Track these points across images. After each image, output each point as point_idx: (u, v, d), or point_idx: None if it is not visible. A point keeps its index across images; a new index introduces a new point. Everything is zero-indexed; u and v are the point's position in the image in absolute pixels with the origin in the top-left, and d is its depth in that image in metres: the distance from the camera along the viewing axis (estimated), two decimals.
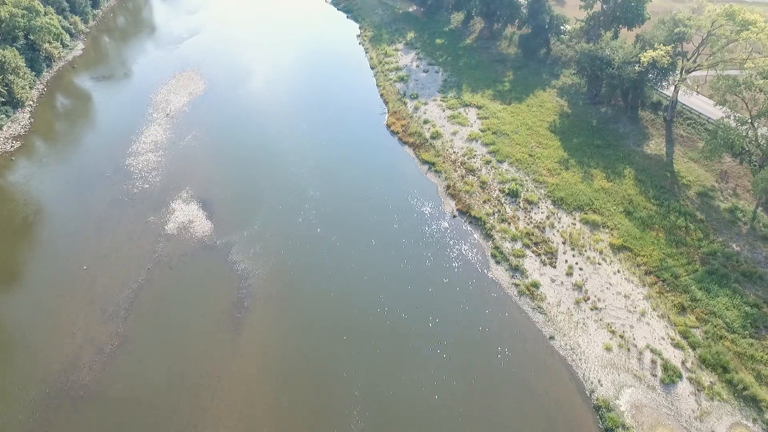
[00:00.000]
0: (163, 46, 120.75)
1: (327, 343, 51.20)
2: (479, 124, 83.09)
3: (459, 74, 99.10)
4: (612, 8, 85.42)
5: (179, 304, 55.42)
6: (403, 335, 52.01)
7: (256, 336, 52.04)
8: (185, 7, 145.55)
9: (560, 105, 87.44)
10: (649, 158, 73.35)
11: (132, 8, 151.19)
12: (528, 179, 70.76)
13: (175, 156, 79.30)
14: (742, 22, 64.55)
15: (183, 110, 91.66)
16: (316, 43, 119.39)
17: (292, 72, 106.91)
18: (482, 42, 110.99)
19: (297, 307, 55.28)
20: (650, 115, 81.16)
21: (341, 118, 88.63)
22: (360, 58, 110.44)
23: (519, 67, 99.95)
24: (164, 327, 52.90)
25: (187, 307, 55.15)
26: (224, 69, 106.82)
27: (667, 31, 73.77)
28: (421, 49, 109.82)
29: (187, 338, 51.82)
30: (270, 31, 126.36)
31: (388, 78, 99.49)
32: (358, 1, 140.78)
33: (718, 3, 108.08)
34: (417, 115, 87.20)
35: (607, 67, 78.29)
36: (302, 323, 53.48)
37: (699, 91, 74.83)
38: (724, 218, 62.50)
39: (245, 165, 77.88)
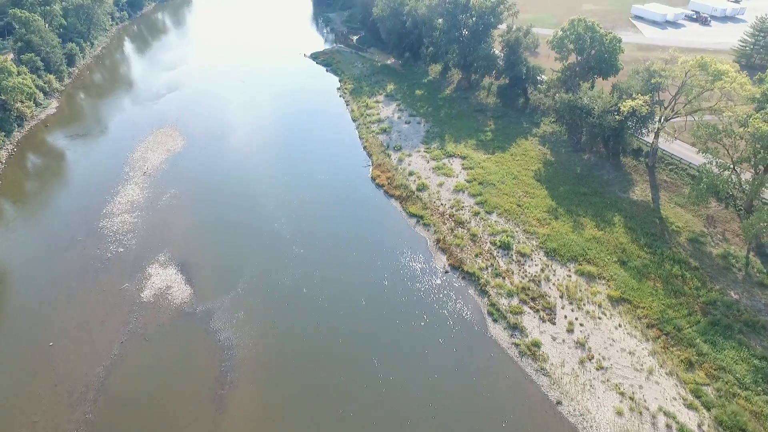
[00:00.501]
0: (141, 102, 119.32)
1: (319, 421, 47.10)
2: (465, 175, 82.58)
3: (441, 125, 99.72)
4: (586, 59, 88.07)
5: (156, 383, 50.84)
6: (400, 405, 48.35)
7: (242, 416, 47.64)
8: (164, 63, 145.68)
9: (543, 153, 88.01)
10: (636, 205, 73.27)
11: (109, 65, 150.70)
12: (518, 230, 69.55)
13: (153, 217, 75.97)
14: (714, 73, 66.50)
15: (161, 168, 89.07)
16: (297, 97, 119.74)
17: (272, 126, 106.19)
18: (461, 92, 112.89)
19: (285, 379, 51.31)
20: (632, 162, 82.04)
21: (325, 172, 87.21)
22: (341, 111, 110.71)
23: (499, 116, 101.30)
24: (139, 410, 48.09)
25: (165, 385, 50.61)
26: (203, 125, 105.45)
27: (643, 81, 75.73)
28: (401, 100, 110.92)
29: (165, 422, 47.07)
30: (250, 86, 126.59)
31: (370, 130, 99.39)
32: (336, 55, 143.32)
33: (686, 52, 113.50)
34: (402, 166, 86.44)
35: (588, 116, 79.51)
36: (292, 398, 49.42)
37: (678, 137, 76.06)
38: (718, 264, 61.80)
39: (226, 224, 74.97)
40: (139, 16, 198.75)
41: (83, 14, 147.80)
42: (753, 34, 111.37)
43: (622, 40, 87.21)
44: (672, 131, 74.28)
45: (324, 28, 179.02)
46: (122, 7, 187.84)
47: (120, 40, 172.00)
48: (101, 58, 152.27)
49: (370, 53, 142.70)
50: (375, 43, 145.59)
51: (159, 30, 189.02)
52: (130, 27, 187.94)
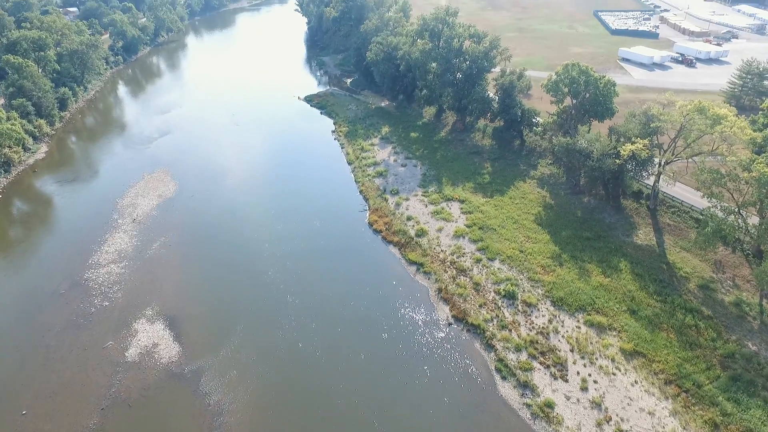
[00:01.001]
0: (133, 146, 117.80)
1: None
2: (464, 219, 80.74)
3: (437, 167, 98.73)
4: (581, 103, 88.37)
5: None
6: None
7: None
8: (157, 107, 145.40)
9: (542, 196, 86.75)
10: (641, 249, 71.45)
11: (102, 108, 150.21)
12: (522, 278, 67.12)
13: (141, 267, 72.72)
14: (713, 117, 66.26)
15: (151, 214, 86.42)
16: (291, 140, 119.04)
17: (266, 169, 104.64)
18: (456, 134, 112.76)
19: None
20: (633, 204, 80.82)
21: (320, 217, 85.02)
22: (336, 154, 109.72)
23: (496, 158, 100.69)
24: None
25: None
26: (196, 169, 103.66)
27: (641, 125, 75.46)
28: (397, 143, 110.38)
29: None
30: (244, 129, 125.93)
31: (366, 173, 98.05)
32: (330, 98, 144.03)
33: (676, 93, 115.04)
34: (399, 211, 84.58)
35: (587, 159, 78.75)
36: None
37: (679, 180, 75.11)
38: (732, 313, 59.47)
39: (217, 273, 71.88)
40: (134, 60, 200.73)
41: (77, 59, 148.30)
42: (741, 76, 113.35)
43: (616, 83, 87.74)
44: (671, 173, 73.45)
45: (318, 71, 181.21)
46: (117, 52, 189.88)
47: (114, 84, 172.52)
48: (94, 102, 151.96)
49: (364, 96, 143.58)
50: (369, 85, 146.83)
51: (153, 73, 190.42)
52: (125, 70, 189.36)
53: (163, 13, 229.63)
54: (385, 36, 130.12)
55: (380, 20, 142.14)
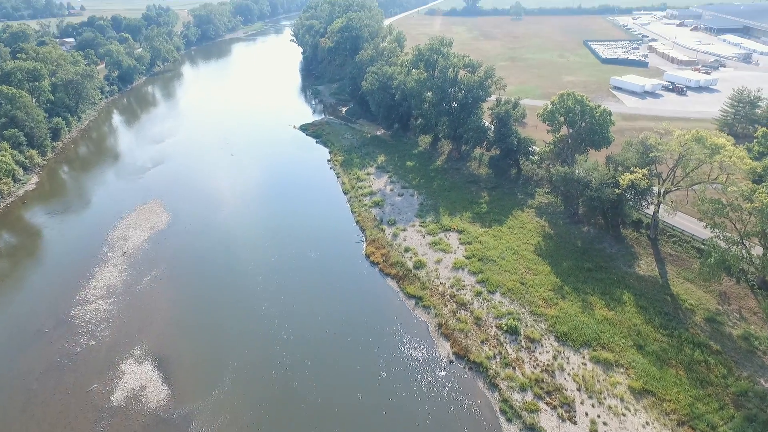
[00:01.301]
0: (126, 176, 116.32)
1: None
2: (463, 250, 79.23)
3: (434, 197, 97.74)
4: (578, 132, 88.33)
5: None
6: None
7: None
8: (151, 136, 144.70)
9: (541, 225, 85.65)
10: (644, 281, 70.00)
11: (96, 137, 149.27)
12: (524, 311, 65.26)
13: (130, 303, 70.23)
14: (711, 146, 65.95)
15: (142, 247, 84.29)
16: (287, 170, 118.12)
17: (261, 200, 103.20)
18: (452, 163, 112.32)
19: None
20: (633, 234, 79.80)
21: (316, 249, 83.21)
22: (332, 184, 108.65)
23: (493, 187, 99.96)
24: None
25: None
26: (189, 200, 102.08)
27: (639, 154, 75.12)
28: (393, 172, 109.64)
29: None
30: (239, 159, 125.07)
31: (362, 203, 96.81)
32: (326, 127, 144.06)
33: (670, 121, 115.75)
34: (397, 242, 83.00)
35: (585, 188, 78.04)
36: None
37: (678, 208, 74.36)
38: (741, 347, 57.73)
39: (210, 309, 69.48)
40: (129, 89, 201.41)
41: (72, 89, 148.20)
42: (732, 104, 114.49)
43: (612, 113, 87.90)
44: (670, 202, 72.73)
45: (313, 99, 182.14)
46: (112, 81, 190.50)
47: (108, 113, 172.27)
48: (88, 131, 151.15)
49: (360, 124, 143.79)
50: (364, 114, 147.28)
51: (148, 102, 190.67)
52: (120, 100, 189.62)
53: (159, 43, 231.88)
54: (380, 66, 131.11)
55: (375, 50, 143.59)
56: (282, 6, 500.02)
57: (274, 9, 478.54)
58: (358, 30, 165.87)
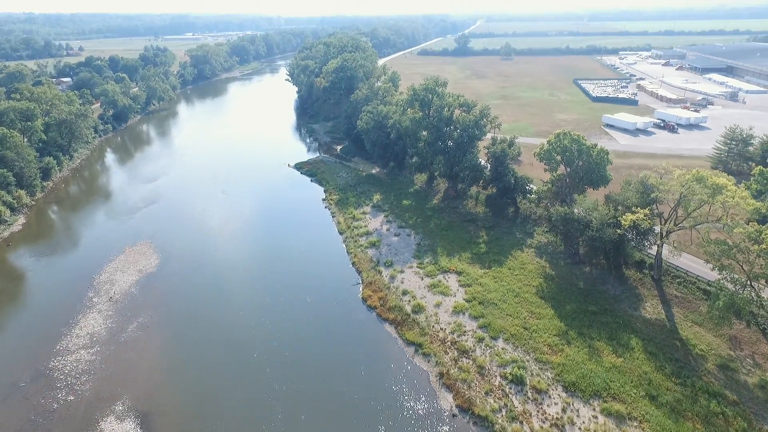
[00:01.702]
0: (116, 216, 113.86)
1: None
2: (463, 293, 76.76)
3: (432, 237, 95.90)
4: (575, 171, 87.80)
5: None
6: None
7: None
8: (144, 175, 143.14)
9: (542, 266, 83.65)
10: (651, 324, 67.61)
11: (88, 177, 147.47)
12: (529, 359, 62.33)
13: (114, 353, 66.54)
14: (713, 186, 65.11)
15: (130, 292, 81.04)
16: (281, 209, 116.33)
17: (255, 241, 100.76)
18: (449, 202, 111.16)
19: None
20: (636, 274, 77.92)
21: (311, 291, 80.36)
22: (327, 223, 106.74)
23: (491, 226, 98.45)
24: None
25: None
26: (181, 240, 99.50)
27: (639, 194, 74.21)
28: (389, 211, 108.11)
29: None
30: (232, 198, 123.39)
31: (358, 244, 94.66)
32: (320, 165, 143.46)
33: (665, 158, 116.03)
34: (394, 285, 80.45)
35: (586, 228, 76.63)
36: None
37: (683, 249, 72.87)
38: (758, 397, 54.99)
39: (198, 358, 65.90)
40: (124, 128, 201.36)
41: (65, 128, 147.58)
42: (725, 142, 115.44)
43: (609, 152, 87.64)
44: (676, 244, 71.26)
45: (308, 138, 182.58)
46: (107, 120, 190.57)
47: (101, 152, 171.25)
48: (80, 170, 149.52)
49: (355, 163, 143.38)
50: (359, 152, 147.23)
51: (142, 141, 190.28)
52: (114, 138, 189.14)
53: (155, 82, 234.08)
54: (375, 105, 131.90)
55: (370, 90, 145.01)
56: (278, 47, 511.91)
57: (270, 49, 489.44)
58: (353, 70, 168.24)
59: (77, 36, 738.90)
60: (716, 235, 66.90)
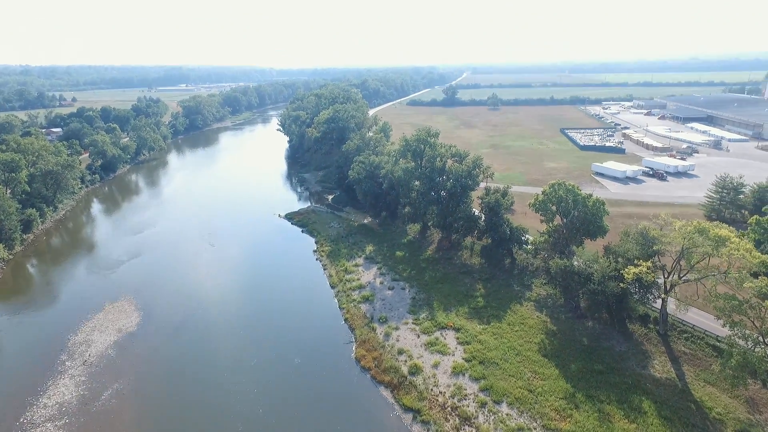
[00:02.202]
0: (98, 271, 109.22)
1: None
2: (462, 352, 72.75)
3: (427, 290, 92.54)
4: (572, 221, 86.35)
5: None
6: None
7: None
8: (129, 226, 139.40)
9: (542, 321, 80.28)
10: (662, 384, 63.87)
11: (72, 228, 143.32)
12: (537, 426, 57.91)
13: (84, 426, 60.87)
14: (715, 238, 63.52)
15: (106, 354, 75.80)
16: (270, 262, 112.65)
17: (242, 295, 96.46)
18: (443, 252, 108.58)
19: None
20: (642, 329, 74.78)
21: (301, 352, 75.74)
22: (318, 276, 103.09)
23: (487, 278, 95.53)
24: None
25: None
26: (164, 297, 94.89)
27: (639, 245, 72.37)
28: (382, 263, 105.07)
29: None
30: (220, 250, 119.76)
31: (351, 298, 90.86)
32: (312, 215, 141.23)
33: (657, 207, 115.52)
34: (389, 343, 76.25)
35: (587, 281, 74.13)
36: None
37: (690, 303, 70.31)
38: None
39: (177, 430, 60.34)
40: (112, 178, 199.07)
41: (51, 179, 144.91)
42: (717, 190, 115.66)
43: (605, 203, 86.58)
44: (683, 298, 68.83)
45: (298, 187, 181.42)
46: (95, 170, 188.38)
47: (88, 202, 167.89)
48: (64, 222, 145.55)
49: (347, 213, 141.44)
50: (351, 202, 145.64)
51: (130, 191, 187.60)
52: (101, 188, 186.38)
53: (146, 133, 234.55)
54: (367, 155, 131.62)
55: (362, 140, 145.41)
56: (270, 97, 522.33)
57: (262, 100, 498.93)
58: (345, 121, 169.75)
59: (72, 87, 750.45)
60: (722, 288, 64.71)
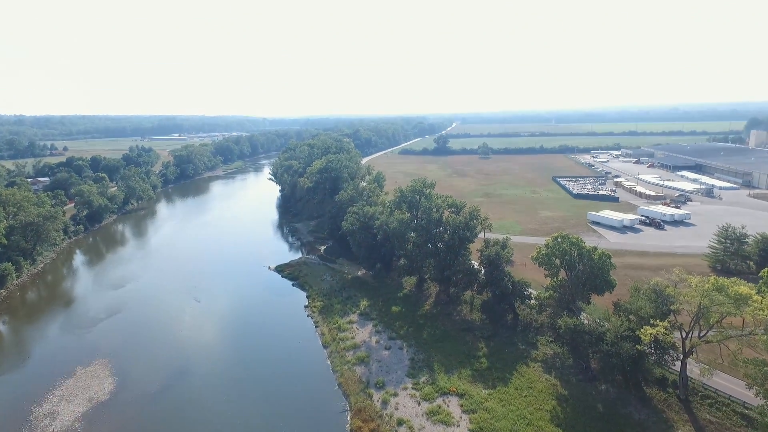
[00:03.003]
0: (73, 330, 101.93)
1: None
2: (467, 422, 66.35)
3: (426, 349, 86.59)
4: (577, 275, 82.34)
5: None
6: None
7: None
8: (111, 280, 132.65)
9: (551, 384, 74.43)
10: None
11: (50, 282, 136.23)
12: None
13: None
14: (735, 296, 59.62)
15: (72, 429, 68.11)
16: (259, 319, 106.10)
17: (228, 358, 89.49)
18: (442, 307, 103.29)
19: None
20: (660, 394, 69.23)
21: (292, 422, 68.67)
22: (310, 334, 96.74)
23: (489, 336, 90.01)
24: None
25: None
26: (143, 360, 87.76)
27: (652, 302, 68.11)
28: (377, 319, 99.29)
29: None
30: (205, 306, 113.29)
31: (345, 360, 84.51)
32: (303, 267, 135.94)
33: (660, 257, 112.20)
34: (387, 412, 69.66)
35: (598, 341, 69.19)
36: None
37: (712, 367, 65.25)
38: None
39: None
40: (97, 228, 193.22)
41: (31, 231, 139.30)
42: (720, 240, 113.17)
43: (611, 256, 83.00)
44: (698, 358, 64.00)
45: (290, 237, 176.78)
46: (79, 221, 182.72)
47: (69, 254, 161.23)
48: (42, 275, 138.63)
49: (340, 264, 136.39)
50: (344, 252, 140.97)
51: (116, 242, 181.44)
52: (85, 239, 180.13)
53: (135, 182, 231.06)
54: (361, 206, 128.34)
55: (355, 191, 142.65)
56: (262, 146, 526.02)
57: (254, 149, 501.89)
58: (338, 171, 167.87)
59: (65, 137, 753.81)
60: (748, 351, 60.18)
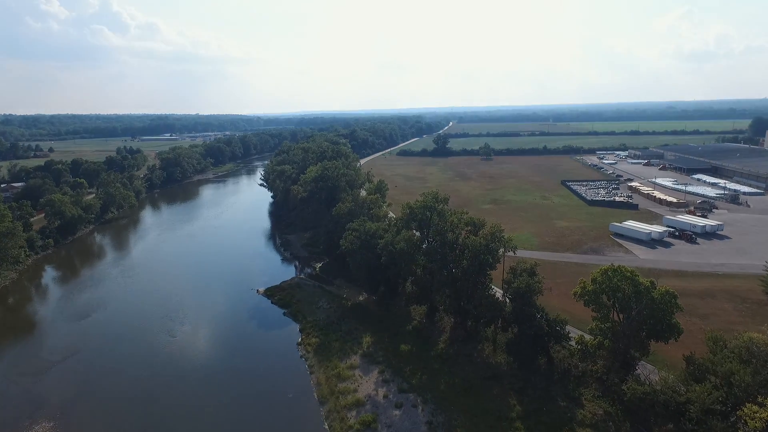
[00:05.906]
0: (16, 377, 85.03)
1: None
2: None
3: (446, 407, 70.54)
4: (634, 318, 66.61)
5: None
6: None
7: None
8: (74, 309, 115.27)
9: None
10: None
11: (5, 309, 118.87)
12: None
13: None
14: None
15: None
16: (244, 364, 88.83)
17: (203, 418, 72.99)
18: (459, 346, 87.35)
19: None
20: None
21: None
22: (303, 384, 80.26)
23: (521, 388, 74.09)
24: None
25: None
26: (100, 418, 71.29)
27: (750, 368, 52.30)
28: (384, 362, 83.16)
29: None
30: (181, 343, 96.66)
31: (347, 423, 68.23)
32: (296, 291, 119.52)
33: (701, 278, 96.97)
34: None
35: (678, 415, 53.42)
36: None
37: None
38: None
39: None
40: (70, 242, 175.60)
41: None
42: None
43: (677, 295, 67.15)
44: None
45: (282, 250, 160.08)
46: (48, 234, 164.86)
47: (33, 275, 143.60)
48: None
49: (337, 286, 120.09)
50: (342, 272, 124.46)
51: (89, 258, 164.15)
52: (55, 255, 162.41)
53: (114, 189, 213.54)
54: (361, 222, 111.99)
55: (354, 203, 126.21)
56: (255, 147, 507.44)
57: (247, 150, 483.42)
58: (335, 180, 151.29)
59: (53, 137, 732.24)
60: None
